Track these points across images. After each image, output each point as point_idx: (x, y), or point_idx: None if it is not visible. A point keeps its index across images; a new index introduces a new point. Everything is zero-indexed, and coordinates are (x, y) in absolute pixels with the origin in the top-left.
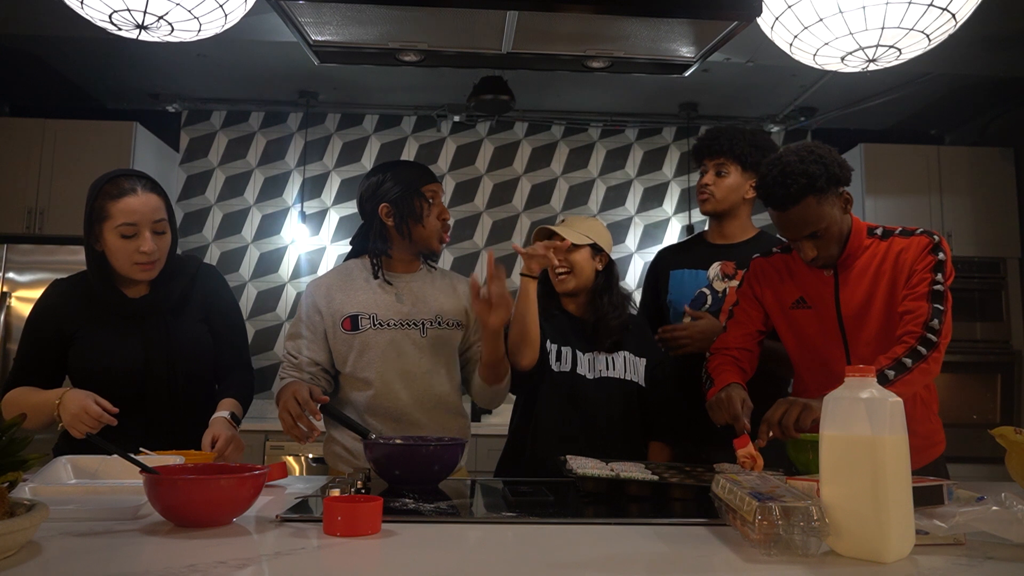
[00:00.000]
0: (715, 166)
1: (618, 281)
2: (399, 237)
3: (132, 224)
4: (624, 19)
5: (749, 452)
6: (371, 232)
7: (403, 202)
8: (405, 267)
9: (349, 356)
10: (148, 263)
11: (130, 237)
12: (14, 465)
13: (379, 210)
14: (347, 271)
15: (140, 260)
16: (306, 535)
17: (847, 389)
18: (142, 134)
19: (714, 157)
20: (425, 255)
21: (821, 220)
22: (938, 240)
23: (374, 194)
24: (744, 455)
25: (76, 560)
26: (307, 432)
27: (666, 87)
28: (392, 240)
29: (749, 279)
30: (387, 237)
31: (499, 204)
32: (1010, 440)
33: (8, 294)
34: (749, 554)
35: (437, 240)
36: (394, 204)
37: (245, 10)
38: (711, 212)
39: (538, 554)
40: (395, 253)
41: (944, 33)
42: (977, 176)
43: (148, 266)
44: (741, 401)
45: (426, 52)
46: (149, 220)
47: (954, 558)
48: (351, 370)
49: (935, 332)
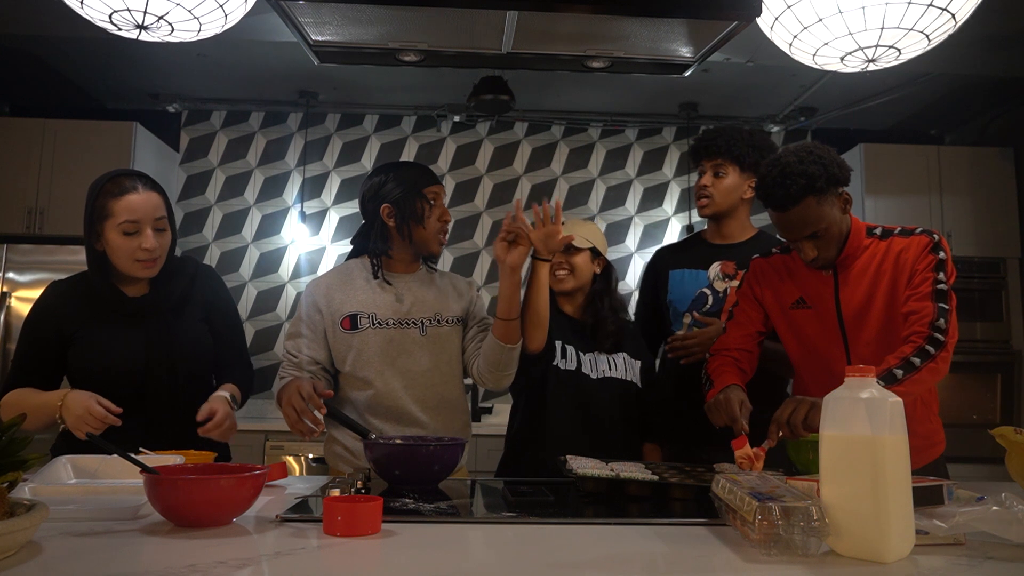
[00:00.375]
0: (713, 167)
1: (617, 284)
2: (399, 238)
3: (134, 221)
4: (624, 19)
5: (747, 453)
6: (372, 232)
7: (405, 203)
8: (405, 267)
9: (348, 355)
10: (150, 260)
11: (132, 234)
12: (14, 465)
13: (380, 210)
14: (347, 271)
15: (142, 257)
16: (306, 535)
17: (847, 389)
18: (142, 134)
19: (712, 158)
20: (424, 256)
21: (821, 220)
22: (938, 239)
23: (376, 194)
24: (742, 456)
25: (76, 560)
26: (312, 427)
27: (666, 87)
28: (392, 240)
29: (749, 279)
30: (388, 237)
31: (499, 204)
32: (1010, 440)
33: (8, 294)
34: (749, 554)
35: (437, 242)
36: (396, 205)
37: (245, 10)
38: (711, 215)
39: (538, 554)
40: (395, 253)
41: (944, 33)
42: (977, 176)
43: (150, 263)
44: (739, 403)
45: (426, 52)
46: (151, 217)
47: (954, 558)
48: (350, 369)
49: (942, 332)
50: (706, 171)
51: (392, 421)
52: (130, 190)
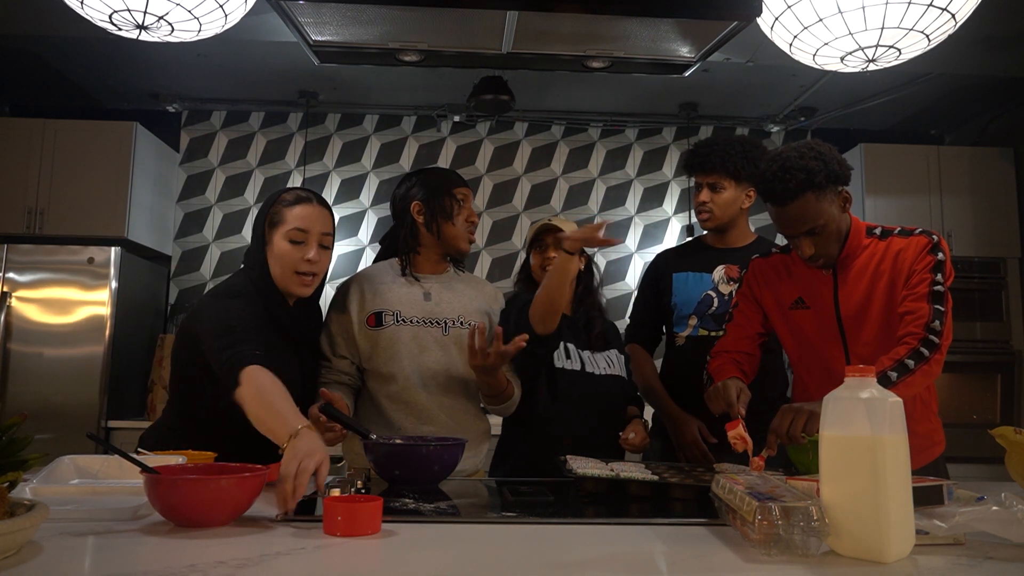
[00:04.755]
0: (709, 183)
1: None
2: (428, 235)
3: (303, 231)
4: (624, 19)
5: (739, 434)
6: (402, 231)
7: (434, 201)
8: (432, 268)
9: (372, 351)
10: (309, 275)
11: (299, 243)
12: (14, 465)
13: (411, 208)
14: (376, 271)
15: (303, 269)
16: (306, 535)
17: (847, 389)
18: (142, 134)
19: (707, 174)
20: (452, 257)
21: (819, 216)
22: (937, 240)
23: (407, 194)
24: (735, 436)
25: (76, 560)
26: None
27: (666, 87)
28: (421, 239)
29: (748, 280)
30: (417, 235)
31: (499, 204)
32: (1010, 440)
33: (8, 294)
34: (749, 554)
35: (465, 240)
36: (425, 202)
37: (245, 10)
38: (713, 228)
39: (538, 554)
40: (423, 252)
41: (944, 33)
42: (977, 176)
43: (308, 279)
44: (738, 390)
45: (426, 52)
46: (319, 231)
47: (954, 558)
48: (374, 364)
49: (936, 333)
50: (703, 186)
51: (412, 417)
52: (304, 200)
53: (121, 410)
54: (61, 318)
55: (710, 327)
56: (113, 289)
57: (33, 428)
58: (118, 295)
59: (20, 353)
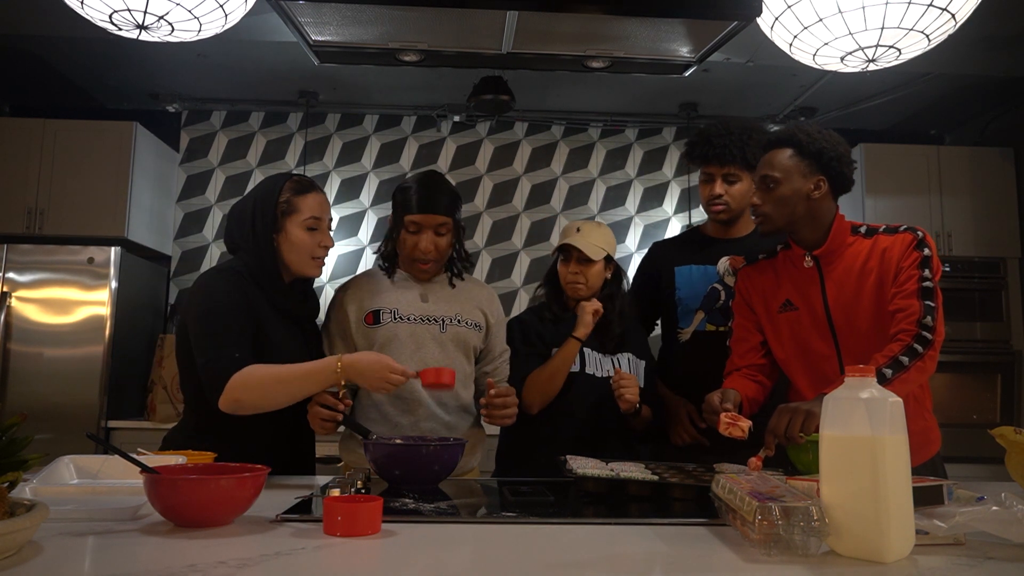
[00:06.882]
0: (724, 175)
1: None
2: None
3: (318, 218)
4: (624, 19)
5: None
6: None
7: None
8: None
9: (370, 348)
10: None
11: (314, 230)
12: (14, 465)
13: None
14: (373, 273)
15: (319, 254)
16: (306, 535)
17: (847, 389)
18: (142, 134)
19: (724, 165)
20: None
21: (781, 171)
22: (922, 236)
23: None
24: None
25: (76, 560)
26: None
27: (666, 87)
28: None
29: (739, 289)
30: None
31: (499, 204)
32: (1010, 440)
33: (8, 294)
34: (749, 554)
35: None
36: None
37: (245, 10)
38: (727, 220)
39: (538, 554)
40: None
41: (944, 33)
42: (977, 176)
43: (322, 261)
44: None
45: (426, 52)
46: (327, 217)
47: (954, 558)
48: None
49: (929, 329)
50: (716, 178)
51: (408, 413)
52: (312, 188)
53: (121, 410)
54: (61, 318)
55: (718, 322)
56: (113, 289)
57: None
58: (118, 295)
59: (20, 353)
